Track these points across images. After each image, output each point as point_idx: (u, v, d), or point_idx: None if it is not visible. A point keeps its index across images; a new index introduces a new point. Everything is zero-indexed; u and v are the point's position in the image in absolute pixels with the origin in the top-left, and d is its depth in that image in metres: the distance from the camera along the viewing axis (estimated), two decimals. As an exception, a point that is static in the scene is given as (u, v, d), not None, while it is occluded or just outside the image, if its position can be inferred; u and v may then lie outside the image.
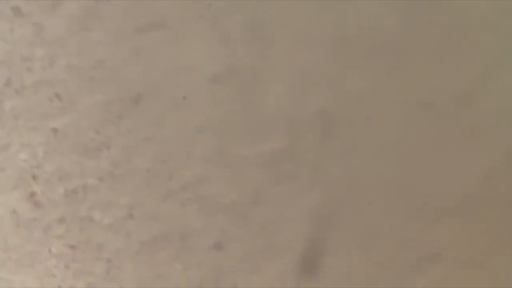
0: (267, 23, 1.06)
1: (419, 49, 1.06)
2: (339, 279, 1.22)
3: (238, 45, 1.07)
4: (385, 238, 1.18)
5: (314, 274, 1.22)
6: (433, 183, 1.15)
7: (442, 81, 1.08)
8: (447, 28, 1.05)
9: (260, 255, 1.21)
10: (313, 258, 1.20)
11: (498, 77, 1.08)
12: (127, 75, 1.09)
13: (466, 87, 1.09)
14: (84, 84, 1.10)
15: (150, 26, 1.07)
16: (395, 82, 1.08)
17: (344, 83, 1.09)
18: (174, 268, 1.22)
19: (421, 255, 1.19)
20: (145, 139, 1.13)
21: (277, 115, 1.11)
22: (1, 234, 1.20)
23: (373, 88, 1.09)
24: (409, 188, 1.15)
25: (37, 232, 1.21)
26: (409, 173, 1.14)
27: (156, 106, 1.11)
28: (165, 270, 1.22)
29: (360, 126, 1.11)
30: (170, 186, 1.17)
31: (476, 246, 1.18)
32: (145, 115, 1.12)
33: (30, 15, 1.05)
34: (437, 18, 1.05)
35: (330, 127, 1.12)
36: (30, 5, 1.05)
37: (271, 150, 1.13)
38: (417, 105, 1.10)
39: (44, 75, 1.09)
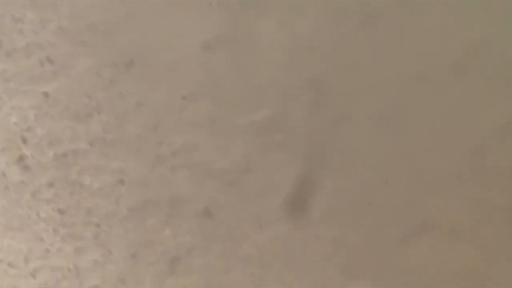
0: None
1: (412, 19, 1.05)
2: (328, 248, 1.21)
3: (230, 12, 1.06)
4: (374, 208, 1.18)
5: (303, 242, 1.21)
6: (425, 154, 1.14)
7: (435, 51, 1.07)
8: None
9: (250, 223, 1.20)
10: (303, 226, 1.20)
11: (492, 47, 1.07)
12: (119, 40, 1.08)
13: (459, 57, 1.08)
14: (76, 48, 1.08)
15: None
16: (386, 53, 1.08)
17: (337, 52, 1.08)
18: (163, 234, 1.22)
19: (410, 226, 1.19)
20: (136, 104, 1.12)
21: (269, 84, 1.10)
22: (-10, 196, 1.19)
23: (366, 58, 1.08)
24: (400, 159, 1.14)
25: (26, 196, 1.19)
26: (401, 143, 1.13)
27: (147, 72, 1.10)
28: (154, 236, 1.21)
29: (353, 96, 1.11)
30: (160, 152, 1.16)
31: (465, 217, 1.17)
32: (137, 81, 1.11)
33: (22, -24, 1.03)
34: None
35: (322, 96, 1.11)
36: (23, -34, 1.03)
37: (262, 118, 1.12)
38: (410, 75, 1.09)
39: (36, 38, 1.08)
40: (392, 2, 1.04)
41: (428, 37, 1.06)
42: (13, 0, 1.05)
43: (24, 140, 1.15)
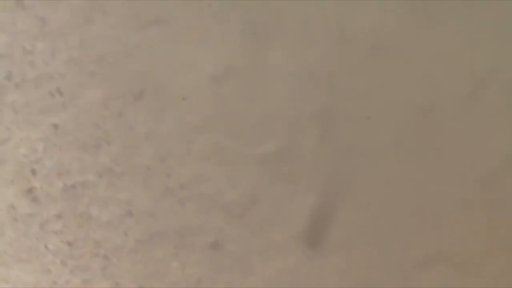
0: (268, 22, 1.04)
1: (421, 50, 1.05)
2: (337, 280, 1.19)
3: (238, 44, 1.05)
4: (384, 239, 1.16)
5: (310, 274, 1.19)
6: (433, 185, 1.13)
7: (443, 81, 1.06)
8: (449, 28, 1.03)
9: (257, 255, 1.18)
10: (311, 258, 1.17)
11: (500, 78, 1.06)
12: (128, 71, 1.07)
13: (468, 87, 1.07)
14: (85, 79, 1.08)
15: (152, 22, 1.04)
16: (395, 83, 1.07)
17: (344, 83, 1.07)
18: (171, 266, 1.19)
19: (421, 257, 1.17)
20: (144, 136, 1.11)
21: (276, 115, 1.09)
22: (-2, 228, 1.18)
23: (373, 89, 1.07)
24: (409, 190, 1.13)
25: (34, 228, 1.18)
26: (409, 174, 1.12)
27: (156, 103, 1.09)
28: (162, 268, 1.19)
29: (360, 126, 1.09)
30: (168, 184, 1.14)
31: (476, 247, 1.15)
32: (145, 112, 1.10)
33: (32, 8, 1.03)
34: (440, 18, 1.03)
35: (329, 127, 1.10)
36: (33, -2, 1.03)
37: (270, 149, 1.11)
38: (418, 107, 1.08)
39: (46, 69, 1.07)
40: (400, 33, 1.03)
41: (437, 67, 1.05)
42: (23, 32, 1.04)
43: (33, 172, 1.14)
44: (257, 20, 1.04)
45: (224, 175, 1.14)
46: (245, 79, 1.08)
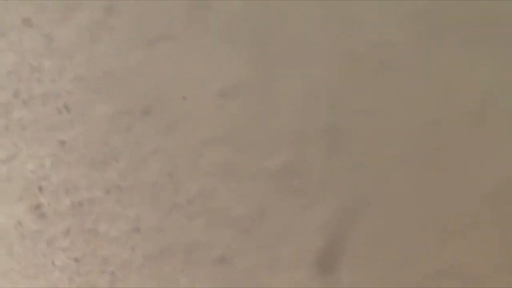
0: (275, 38, 1.04)
1: (428, 66, 1.04)
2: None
3: (246, 60, 1.05)
4: (393, 254, 1.15)
5: (320, 289, 1.19)
6: (441, 200, 1.12)
7: (450, 98, 1.06)
8: (455, 45, 1.03)
9: (266, 270, 1.17)
10: (320, 273, 1.17)
11: (506, 96, 1.06)
12: (135, 87, 1.07)
13: (474, 106, 1.06)
14: (93, 95, 1.07)
15: (159, 38, 1.04)
16: (403, 98, 1.06)
17: (352, 98, 1.07)
18: (179, 282, 1.19)
19: (430, 271, 1.16)
20: (152, 151, 1.11)
21: (284, 130, 1.09)
22: (5, 245, 1.17)
23: (382, 104, 1.07)
24: (417, 205, 1.12)
25: (42, 244, 1.17)
26: (417, 190, 1.11)
27: (163, 119, 1.09)
28: (170, 284, 1.19)
29: (368, 142, 1.09)
30: (176, 199, 1.14)
31: (484, 262, 1.15)
32: (153, 128, 1.09)
33: (40, 26, 1.03)
34: (447, 34, 1.02)
35: (337, 143, 1.09)
36: (40, 16, 1.03)
37: (278, 164, 1.11)
38: (424, 123, 1.08)
39: (53, 86, 1.07)
40: (406, 50, 1.03)
41: (443, 84, 1.05)
42: (30, 49, 1.04)
43: (41, 188, 1.13)
44: (265, 37, 1.04)
45: (232, 190, 1.13)
46: (253, 95, 1.07)
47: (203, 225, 1.15)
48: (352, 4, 1.03)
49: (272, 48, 1.04)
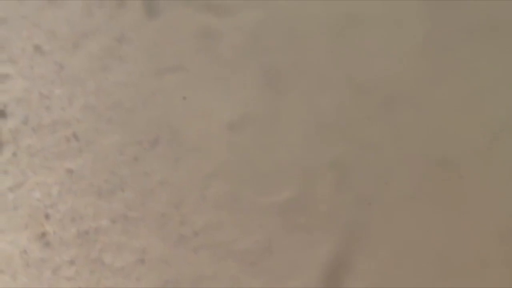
0: (283, 71, 1.03)
1: (436, 101, 1.03)
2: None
3: (254, 92, 1.05)
4: (399, 291, 1.13)
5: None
6: (450, 237, 1.10)
7: (458, 133, 1.05)
8: (464, 79, 1.02)
9: (271, 305, 1.15)
10: (325, 309, 1.15)
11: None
12: (144, 117, 1.06)
13: (484, 141, 1.05)
14: (102, 125, 1.07)
15: (169, 69, 1.04)
16: (412, 133, 1.05)
17: (360, 133, 1.06)
18: (183, 314, 1.17)
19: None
20: (159, 182, 1.10)
21: (291, 163, 1.08)
22: (10, 273, 1.16)
23: (390, 138, 1.05)
24: (426, 242, 1.11)
25: (47, 273, 1.16)
26: (426, 226, 1.09)
27: (171, 150, 1.08)
28: (174, 317, 1.17)
29: (376, 177, 1.07)
30: (182, 231, 1.12)
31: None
32: (161, 159, 1.09)
33: (51, 53, 1.03)
34: (454, 69, 1.01)
35: (345, 177, 1.08)
36: (52, 44, 1.03)
37: (284, 198, 1.09)
38: (434, 158, 1.06)
39: (62, 115, 1.06)
40: (414, 83, 1.02)
41: (453, 118, 1.04)
42: (41, 77, 1.04)
43: (47, 216, 1.12)
44: (273, 69, 1.04)
45: (239, 223, 1.12)
46: (260, 127, 1.07)
47: (209, 257, 1.14)
48: (361, 37, 1.02)
49: (281, 81, 1.04)
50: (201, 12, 1.02)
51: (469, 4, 1.02)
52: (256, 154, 1.08)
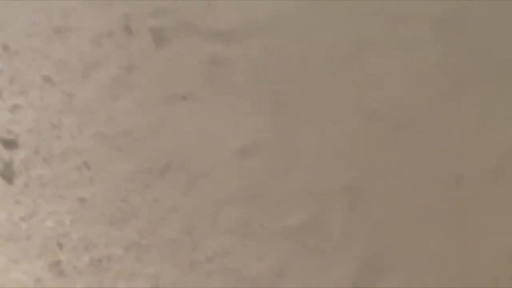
0: (294, 97, 1.03)
1: (446, 124, 1.02)
2: None
3: (264, 118, 1.04)
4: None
5: None
6: (462, 258, 1.08)
7: (469, 155, 1.03)
8: (473, 102, 1.01)
9: (285, 330, 1.14)
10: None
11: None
12: (154, 145, 1.05)
13: (494, 162, 1.04)
14: (112, 153, 1.06)
15: (179, 97, 1.03)
16: (422, 156, 1.04)
17: (372, 157, 1.04)
18: None
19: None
20: (171, 209, 1.09)
21: (303, 189, 1.07)
22: (24, 302, 1.15)
23: (401, 162, 1.04)
24: (438, 264, 1.09)
25: (61, 302, 1.15)
26: (438, 248, 1.08)
27: (182, 177, 1.07)
28: None
29: (387, 200, 1.06)
30: (195, 257, 1.11)
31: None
32: (172, 185, 1.08)
33: (60, 83, 1.02)
34: (465, 91, 1.00)
35: (356, 202, 1.07)
36: (61, 74, 1.02)
37: (296, 223, 1.08)
38: (445, 180, 1.05)
39: (73, 144, 1.05)
40: (425, 107, 1.01)
41: (463, 141, 1.03)
42: (51, 106, 1.03)
43: (60, 245, 1.11)
44: (282, 96, 1.03)
45: (250, 249, 1.11)
46: (271, 153, 1.06)
47: (222, 283, 1.13)
48: (370, 63, 1.01)
49: (290, 107, 1.03)
50: (209, 40, 1.01)
51: (479, 31, 1.01)
52: (267, 180, 1.07)
